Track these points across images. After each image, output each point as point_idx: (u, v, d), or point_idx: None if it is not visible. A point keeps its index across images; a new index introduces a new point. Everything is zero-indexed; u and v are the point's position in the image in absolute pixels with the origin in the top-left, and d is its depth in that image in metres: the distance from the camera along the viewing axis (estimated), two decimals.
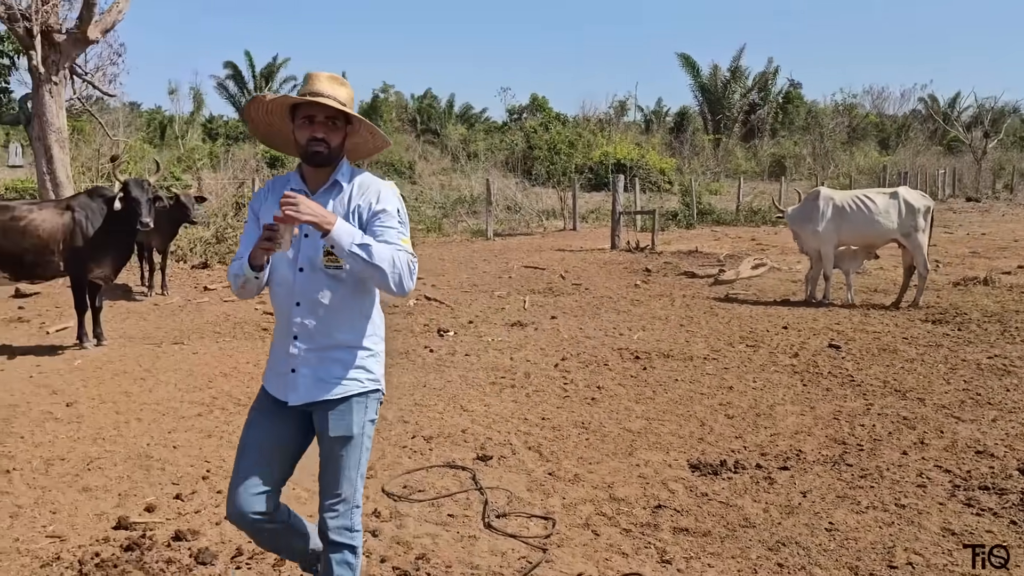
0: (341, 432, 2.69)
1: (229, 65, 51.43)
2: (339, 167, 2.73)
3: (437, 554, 3.74)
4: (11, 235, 7.93)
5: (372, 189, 2.70)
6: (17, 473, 4.77)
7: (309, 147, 2.63)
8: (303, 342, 2.67)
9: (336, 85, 2.66)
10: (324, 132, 2.63)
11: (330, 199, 2.68)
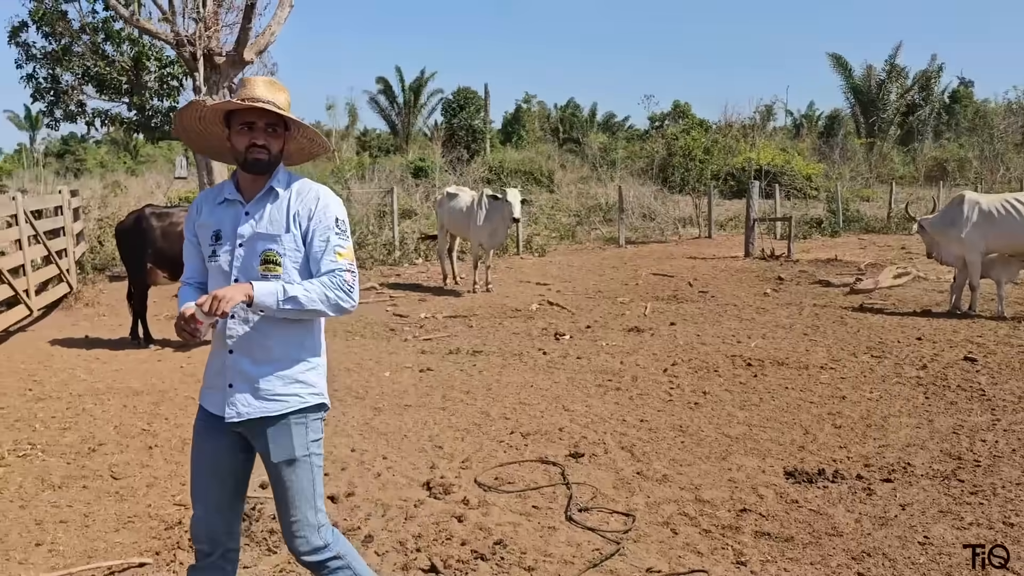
0: (283, 457, 2.59)
1: (381, 80, 53.81)
2: (275, 173, 2.65)
3: (515, 541, 3.90)
4: (169, 238, 8.81)
5: (311, 195, 2.63)
6: (158, 449, 5.33)
7: (249, 154, 2.57)
8: (239, 355, 2.58)
9: (275, 90, 2.60)
10: (264, 138, 2.57)
11: (267, 204, 2.61)
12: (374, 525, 4.10)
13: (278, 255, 2.57)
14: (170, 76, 15.45)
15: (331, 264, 2.57)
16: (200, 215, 2.70)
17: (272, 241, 2.57)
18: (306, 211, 2.60)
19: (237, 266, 2.58)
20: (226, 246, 2.60)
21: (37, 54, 14.72)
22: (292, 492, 2.61)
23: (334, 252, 2.59)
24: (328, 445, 5.34)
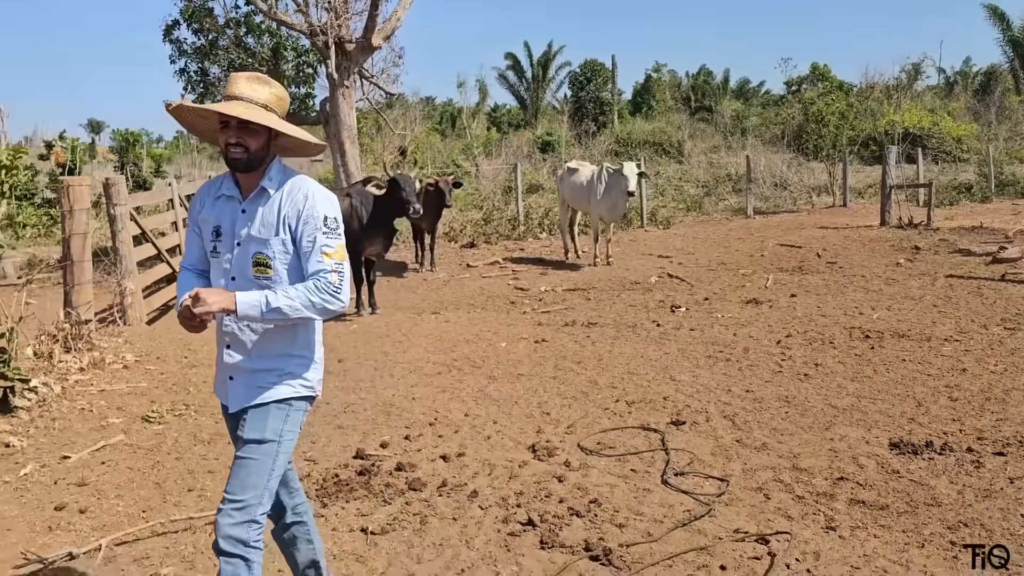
0: (254, 436, 2.61)
1: (509, 56, 54.20)
2: (268, 171, 2.64)
3: (610, 500, 4.11)
4: None
5: (299, 195, 2.61)
6: None
7: (228, 153, 2.56)
8: (235, 350, 2.67)
9: (256, 85, 2.59)
10: (238, 136, 2.54)
11: (259, 207, 2.63)
12: (480, 482, 4.41)
13: (268, 258, 2.59)
14: (305, 64, 16.36)
15: (317, 265, 2.56)
16: (202, 209, 2.74)
17: (263, 245, 2.59)
18: (295, 212, 2.58)
19: (235, 266, 2.64)
20: (225, 243, 2.65)
21: (188, 50, 15.98)
22: (246, 472, 2.58)
23: (321, 253, 2.56)
24: (444, 410, 5.73)
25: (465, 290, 11.16)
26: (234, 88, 2.57)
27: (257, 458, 2.59)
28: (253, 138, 2.55)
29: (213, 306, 2.46)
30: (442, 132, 43.27)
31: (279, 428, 2.63)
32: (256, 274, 2.60)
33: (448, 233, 16.24)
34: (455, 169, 24.64)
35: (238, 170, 2.61)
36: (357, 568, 3.53)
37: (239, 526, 2.55)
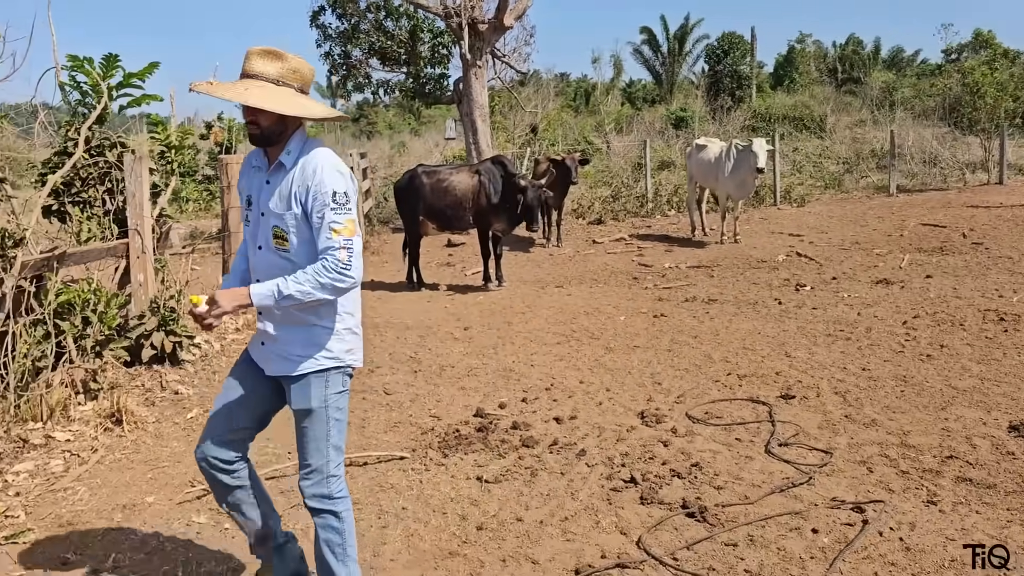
0: (302, 405, 2.73)
1: (645, 30, 53.39)
2: (288, 144, 2.68)
3: (711, 465, 4.30)
4: (436, 193, 9.95)
5: (309, 170, 2.62)
6: (421, 374, 6.32)
7: (247, 128, 2.64)
8: (266, 318, 2.76)
9: (268, 60, 2.60)
10: (251, 115, 2.59)
11: (279, 180, 2.67)
12: (589, 443, 4.69)
13: (284, 231, 2.65)
14: (440, 45, 16.95)
15: (326, 242, 2.57)
16: (241, 179, 2.86)
17: (279, 219, 2.66)
18: (305, 187, 2.60)
19: (260, 236, 2.73)
20: (254, 213, 2.75)
21: (332, 34, 16.90)
22: (307, 439, 2.75)
23: (329, 229, 2.56)
24: (560, 376, 6.03)
25: (589, 265, 11.40)
26: (247, 66, 2.61)
27: (309, 426, 2.74)
28: (264, 116, 2.59)
29: (227, 307, 2.58)
30: (575, 109, 43.32)
31: (322, 395, 2.73)
32: (276, 246, 2.67)
33: (576, 210, 16.46)
34: (586, 146, 24.78)
35: (257, 144, 2.68)
36: (471, 510, 3.89)
37: (318, 485, 2.76)
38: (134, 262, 6.45)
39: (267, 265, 2.70)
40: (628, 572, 3.28)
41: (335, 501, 2.79)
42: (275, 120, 2.61)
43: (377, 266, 12.38)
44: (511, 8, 13.58)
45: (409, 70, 17.12)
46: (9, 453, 4.60)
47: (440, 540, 3.61)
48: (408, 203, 10.32)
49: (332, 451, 2.78)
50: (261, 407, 2.89)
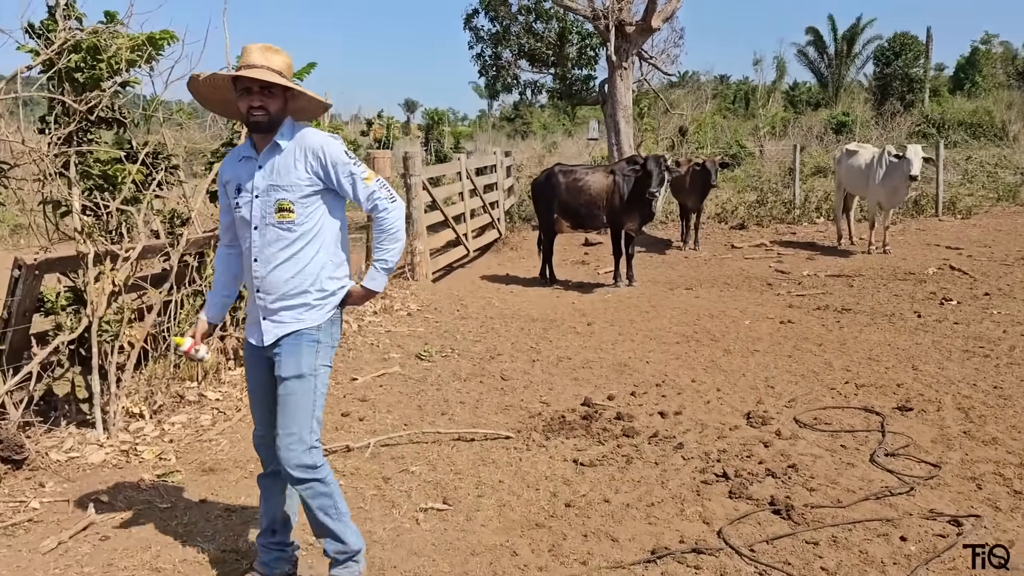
0: (291, 372, 2.88)
1: (811, 31, 51.28)
2: (280, 129, 2.89)
3: (809, 468, 4.29)
4: (572, 192, 10.19)
5: (314, 144, 2.86)
6: (539, 363, 6.57)
7: (250, 116, 2.82)
8: (264, 292, 2.92)
9: (270, 54, 2.82)
10: (261, 100, 2.79)
11: (274, 157, 2.88)
12: (689, 438, 4.78)
13: (290, 203, 2.86)
14: (588, 47, 17.15)
15: (365, 191, 2.86)
16: (224, 174, 3.05)
17: (283, 190, 2.85)
18: (318, 162, 2.85)
19: (256, 215, 2.89)
20: (246, 197, 2.92)
21: (484, 36, 17.49)
22: (291, 407, 2.87)
23: (361, 180, 2.86)
24: (672, 374, 6.12)
25: (723, 269, 11.27)
26: (249, 58, 2.81)
27: (298, 393, 2.88)
28: (272, 101, 2.82)
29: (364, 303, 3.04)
30: (734, 111, 42.29)
31: (312, 364, 2.91)
32: (279, 219, 2.86)
33: (719, 214, 16.20)
34: (738, 150, 24.25)
35: (260, 131, 2.86)
36: (563, 488, 4.10)
37: (302, 455, 2.87)
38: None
39: (266, 241, 2.89)
40: (703, 558, 3.38)
41: (318, 470, 2.92)
42: (281, 107, 2.85)
43: (514, 261, 12.77)
44: (659, 10, 13.59)
45: (556, 71, 17.45)
46: (168, 406, 5.23)
47: (529, 512, 3.84)
48: (544, 201, 10.61)
49: (315, 422, 2.92)
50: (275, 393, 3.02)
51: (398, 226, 2.91)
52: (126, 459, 4.50)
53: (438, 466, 4.42)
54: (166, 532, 3.65)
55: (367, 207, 2.91)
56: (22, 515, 3.81)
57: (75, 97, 4.82)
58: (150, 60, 5.34)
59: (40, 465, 4.31)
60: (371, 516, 3.82)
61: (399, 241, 2.92)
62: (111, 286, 4.74)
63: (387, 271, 2.95)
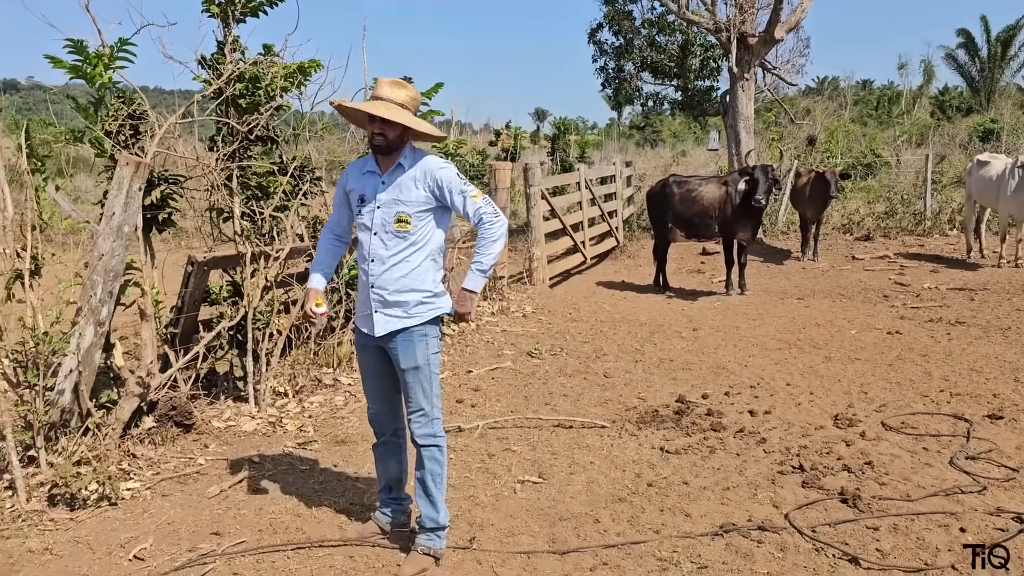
0: (410, 364, 3.41)
1: (962, 33, 48.66)
2: (403, 151, 3.39)
3: (885, 465, 4.52)
4: (685, 202, 10.50)
5: (431, 168, 3.37)
6: (641, 364, 6.97)
7: (372, 139, 3.35)
8: (379, 288, 3.39)
9: (396, 88, 3.34)
10: (381, 128, 3.30)
11: (397, 178, 3.38)
12: (773, 435, 5.08)
13: (407, 215, 3.36)
14: (710, 59, 17.28)
15: (473, 206, 3.34)
16: (348, 182, 3.56)
17: (403, 204, 3.36)
18: (434, 182, 3.36)
19: (377, 223, 3.39)
20: (369, 207, 3.43)
21: (608, 50, 17.92)
22: (414, 390, 3.43)
23: (470, 199, 3.35)
24: (768, 377, 6.40)
25: (840, 280, 11.24)
26: (379, 91, 3.36)
27: (419, 379, 3.43)
28: (391, 129, 3.32)
29: (473, 310, 3.47)
30: (877, 118, 40.77)
31: (425, 354, 3.44)
32: (397, 228, 3.36)
33: (845, 225, 15.95)
34: (873, 159, 23.56)
35: (380, 153, 3.39)
36: (647, 470, 4.53)
37: (426, 425, 3.46)
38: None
39: (383, 245, 3.39)
40: (766, 534, 3.73)
41: (438, 438, 3.50)
42: (398, 134, 3.35)
43: (631, 269, 13.13)
44: (782, 22, 13.63)
45: (678, 83, 17.68)
46: (308, 387, 6.00)
47: (614, 489, 4.30)
48: (658, 210, 10.96)
49: (434, 398, 3.48)
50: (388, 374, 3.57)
51: (498, 237, 3.38)
52: (273, 429, 5.26)
53: (537, 447, 4.94)
54: (305, 487, 4.34)
55: (474, 220, 3.39)
56: (191, 468, 4.60)
57: (238, 120, 5.65)
58: (299, 85, 6.14)
59: (204, 430, 5.13)
60: (475, 484, 4.38)
61: (497, 249, 3.39)
62: (263, 281, 5.54)
63: (483, 273, 3.41)
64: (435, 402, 3.50)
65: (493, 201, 3.51)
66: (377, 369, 3.59)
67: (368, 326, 3.49)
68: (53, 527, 3.86)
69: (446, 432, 5.07)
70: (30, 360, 4.21)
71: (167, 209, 5.46)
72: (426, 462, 3.50)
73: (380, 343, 3.49)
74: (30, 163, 4.36)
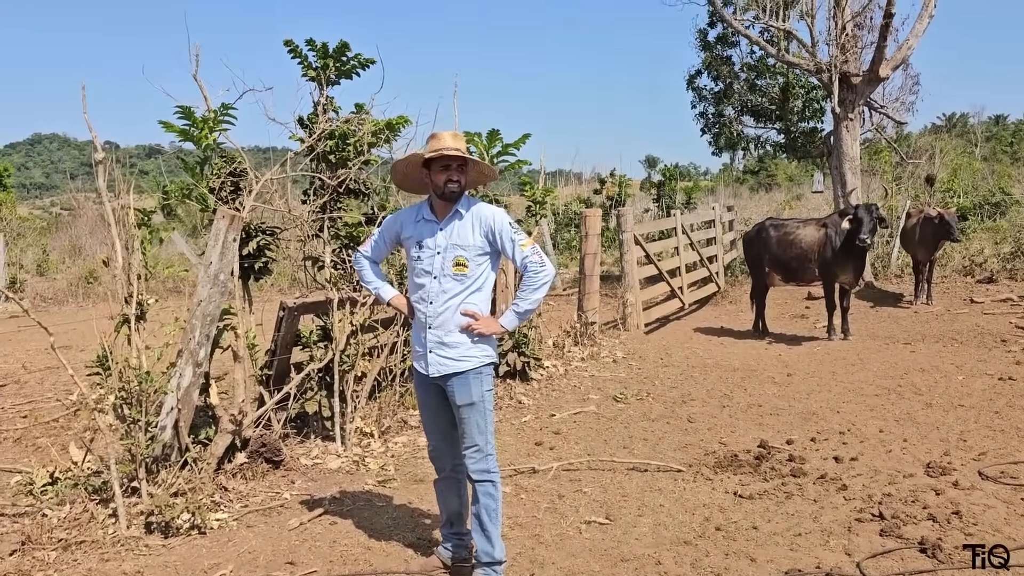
0: (466, 401, 3.54)
1: None
2: (460, 200, 3.60)
3: (975, 515, 4.27)
4: (782, 245, 10.29)
5: (487, 215, 3.57)
6: (727, 409, 6.84)
7: (447, 187, 3.53)
8: (435, 330, 3.57)
9: (458, 140, 3.56)
10: (458, 175, 3.54)
11: (455, 222, 3.58)
12: (856, 482, 4.89)
13: (465, 259, 3.55)
14: (813, 100, 16.93)
15: (521, 254, 3.52)
16: (403, 229, 3.75)
17: (461, 249, 3.56)
18: (488, 228, 3.57)
19: (437, 267, 3.58)
20: (427, 252, 3.60)
21: (707, 95, 17.87)
22: (469, 426, 3.57)
23: (519, 246, 3.53)
24: (860, 423, 6.18)
25: (955, 324, 10.67)
26: (444, 143, 3.54)
27: (471, 416, 3.57)
28: (463, 175, 3.58)
29: (486, 331, 3.57)
30: (1012, 154, 38.72)
31: (480, 391, 3.58)
32: (455, 272, 3.56)
33: (966, 267, 15.14)
34: (1002, 197, 22.31)
35: (451, 200, 3.58)
36: (717, 514, 4.45)
37: (480, 461, 3.60)
38: (499, 294, 7.97)
39: (441, 288, 3.56)
40: None
41: (492, 474, 3.62)
42: (468, 180, 3.63)
43: (732, 314, 12.90)
44: (887, 59, 13.27)
45: (780, 125, 17.39)
46: (393, 428, 6.22)
47: (681, 532, 4.25)
48: (755, 254, 10.78)
49: (489, 435, 3.62)
50: (445, 412, 3.72)
51: (539, 285, 3.54)
52: (356, 467, 5.48)
53: (609, 489, 4.94)
54: (378, 523, 4.50)
55: (520, 267, 3.56)
56: (277, 502, 4.85)
57: (329, 174, 6.02)
58: (388, 141, 6.49)
59: (292, 467, 5.40)
60: (541, 524, 4.43)
61: (538, 297, 3.56)
62: (350, 326, 5.82)
63: (518, 315, 3.60)
64: (489, 438, 3.63)
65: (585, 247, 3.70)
66: (434, 406, 3.73)
67: (423, 365, 3.66)
68: (147, 552, 4.16)
69: (520, 472, 5.22)
70: (134, 398, 4.60)
71: (263, 258, 5.84)
72: (481, 498, 3.61)
73: (438, 381, 3.63)
74: (136, 217, 4.79)
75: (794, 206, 27.50)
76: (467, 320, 3.56)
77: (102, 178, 4.79)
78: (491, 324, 3.60)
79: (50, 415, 7.10)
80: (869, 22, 13.90)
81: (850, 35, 13.63)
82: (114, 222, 4.79)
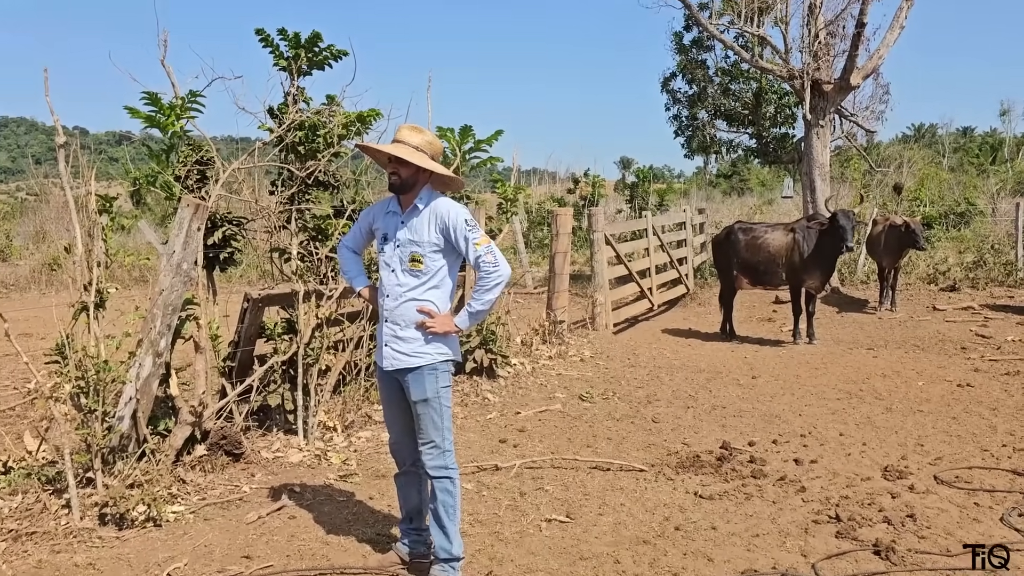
0: (420, 397, 3.52)
1: None
2: (419, 194, 3.57)
3: (929, 519, 4.34)
4: (750, 249, 10.38)
5: (442, 211, 3.52)
6: (692, 410, 6.89)
7: (389, 178, 3.57)
8: (391, 324, 3.57)
9: (412, 133, 3.56)
10: (394, 168, 3.52)
11: (413, 219, 3.55)
12: (814, 484, 4.95)
13: (420, 255, 3.52)
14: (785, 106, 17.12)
15: (474, 253, 3.47)
16: (375, 220, 3.75)
17: (416, 245, 3.53)
18: (443, 224, 3.52)
19: (395, 261, 3.58)
20: (389, 245, 3.61)
21: (681, 99, 18.00)
22: (425, 422, 3.54)
23: (473, 245, 3.47)
24: (821, 427, 6.25)
25: (917, 331, 10.84)
26: (398, 135, 3.60)
27: (428, 412, 3.55)
28: (404, 168, 3.52)
29: (440, 329, 3.52)
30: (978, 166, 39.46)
31: (435, 388, 3.54)
32: (412, 267, 3.55)
33: (930, 275, 15.39)
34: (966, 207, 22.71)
35: (394, 191, 3.60)
36: (677, 514, 4.48)
37: (437, 458, 3.56)
38: (468, 292, 7.96)
39: (397, 282, 3.56)
40: None
41: (449, 470, 3.59)
42: (411, 173, 3.54)
43: (700, 316, 12.99)
44: (859, 68, 13.44)
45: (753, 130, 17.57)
46: (357, 423, 6.17)
47: (640, 531, 4.27)
48: (723, 257, 10.87)
49: (446, 431, 3.59)
50: (403, 406, 3.68)
51: (492, 286, 3.49)
52: (318, 462, 5.44)
53: (571, 487, 4.95)
54: (337, 517, 4.47)
55: (474, 265, 3.52)
56: (235, 495, 4.80)
57: (298, 165, 5.97)
58: (359, 133, 6.43)
59: (253, 460, 5.34)
60: (502, 521, 4.42)
61: (491, 298, 3.51)
62: (315, 319, 5.77)
63: (471, 315, 3.55)
64: (447, 435, 3.60)
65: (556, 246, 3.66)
66: (394, 400, 3.72)
67: (381, 359, 3.65)
68: (100, 544, 4.10)
69: (483, 469, 5.21)
70: (92, 387, 4.52)
71: (228, 249, 5.77)
72: (438, 494, 3.59)
73: (394, 375, 3.62)
74: (98, 204, 4.71)
75: (765, 211, 27.70)
76: (423, 317, 3.54)
77: (63, 163, 4.69)
78: (446, 323, 3.56)
79: (6, 403, 6.97)
80: (842, 31, 14.09)
81: (823, 43, 13.80)
82: (75, 208, 4.70)
